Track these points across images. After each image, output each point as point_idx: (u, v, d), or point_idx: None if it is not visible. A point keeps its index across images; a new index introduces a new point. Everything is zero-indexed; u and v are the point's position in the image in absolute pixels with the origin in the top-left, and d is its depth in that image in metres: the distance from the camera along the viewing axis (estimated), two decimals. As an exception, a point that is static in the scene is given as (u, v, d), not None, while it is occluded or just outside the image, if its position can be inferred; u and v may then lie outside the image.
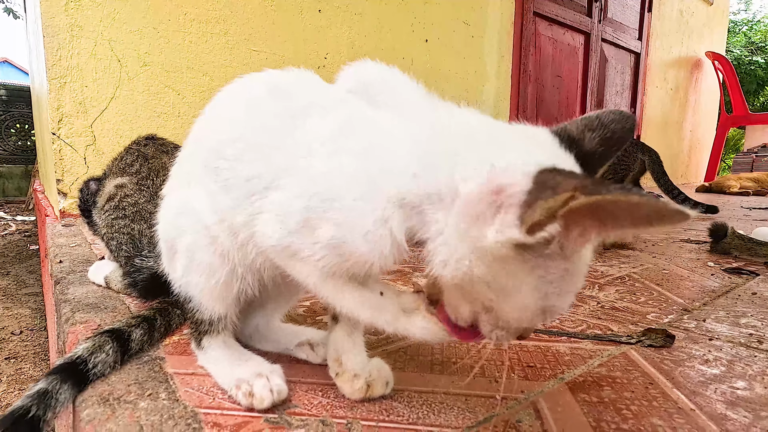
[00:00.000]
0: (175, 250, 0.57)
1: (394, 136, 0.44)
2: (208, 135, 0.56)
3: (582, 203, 0.31)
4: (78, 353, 0.58)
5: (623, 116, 0.44)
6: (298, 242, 0.46)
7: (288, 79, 0.54)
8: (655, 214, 0.29)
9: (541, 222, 0.33)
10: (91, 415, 0.50)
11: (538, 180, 0.35)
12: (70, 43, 1.76)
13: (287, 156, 0.47)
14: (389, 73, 0.49)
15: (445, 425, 0.50)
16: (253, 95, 0.54)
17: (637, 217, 0.30)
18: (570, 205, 0.32)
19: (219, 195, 0.52)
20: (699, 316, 0.86)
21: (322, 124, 0.47)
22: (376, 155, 0.43)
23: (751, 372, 0.64)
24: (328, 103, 0.49)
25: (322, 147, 0.45)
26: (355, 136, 0.45)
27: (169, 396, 0.54)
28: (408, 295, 0.49)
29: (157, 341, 0.70)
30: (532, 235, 0.34)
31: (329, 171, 0.44)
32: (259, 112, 0.51)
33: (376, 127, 0.45)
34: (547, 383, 0.60)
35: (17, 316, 2.17)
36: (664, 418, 0.52)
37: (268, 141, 0.49)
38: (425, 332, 0.47)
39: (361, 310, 0.48)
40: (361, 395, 0.54)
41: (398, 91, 0.47)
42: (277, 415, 0.51)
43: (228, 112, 0.55)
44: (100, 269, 0.97)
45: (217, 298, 0.56)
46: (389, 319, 0.48)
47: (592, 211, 0.32)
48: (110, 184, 0.91)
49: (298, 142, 0.47)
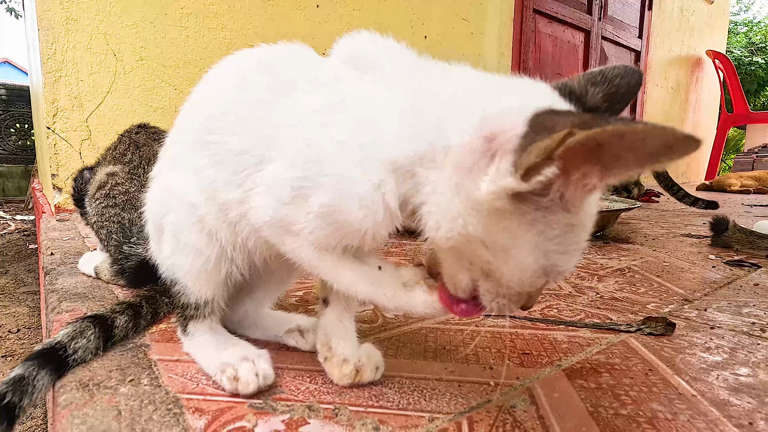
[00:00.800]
0: (161, 230, 0.55)
1: (386, 103, 0.42)
2: (197, 112, 0.54)
3: (580, 139, 0.28)
4: (57, 339, 0.57)
5: (629, 70, 0.41)
6: (291, 214, 0.44)
7: (279, 53, 0.52)
8: (662, 145, 0.27)
9: (536, 165, 0.30)
10: (69, 399, 0.48)
11: (534, 123, 0.32)
12: (65, 37, 1.75)
13: (278, 128, 0.45)
14: (382, 42, 0.47)
15: (436, 411, 0.48)
16: (243, 70, 0.52)
17: (642, 151, 0.28)
18: (567, 143, 0.29)
19: (208, 170, 0.50)
20: (700, 306, 0.84)
21: (313, 96, 0.45)
22: (368, 123, 0.42)
23: (755, 359, 0.62)
24: (320, 76, 0.47)
25: (314, 118, 0.44)
26: (346, 105, 0.43)
27: (151, 382, 0.52)
28: (408, 269, 0.47)
29: (144, 329, 0.68)
30: (527, 181, 0.31)
31: (320, 140, 0.42)
32: (249, 85, 0.50)
33: (368, 95, 0.43)
34: (544, 370, 0.58)
35: (15, 315, 2.15)
36: (664, 404, 0.50)
37: (259, 114, 0.47)
38: (426, 306, 0.45)
39: (360, 285, 0.46)
40: (350, 381, 0.52)
41: (391, 58, 0.46)
42: (262, 401, 0.49)
43: (218, 88, 0.54)
44: (91, 260, 0.95)
45: (204, 281, 0.54)
46: (389, 293, 0.45)
47: (592, 150, 0.29)
48: (102, 172, 0.89)
49: (289, 115, 0.45)
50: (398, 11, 2.69)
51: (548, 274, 0.38)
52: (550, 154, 0.30)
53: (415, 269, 0.47)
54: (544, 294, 0.91)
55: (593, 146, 0.29)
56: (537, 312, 0.80)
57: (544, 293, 0.91)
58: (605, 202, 1.83)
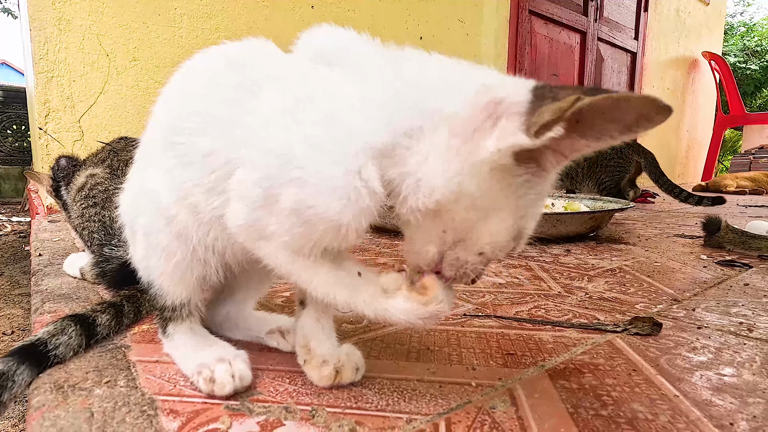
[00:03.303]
0: (135, 232, 0.55)
1: (357, 90, 0.42)
2: (166, 112, 0.54)
3: (588, 102, 0.33)
4: (38, 336, 0.56)
5: None
6: (264, 217, 0.43)
7: (244, 50, 0.51)
8: (643, 114, 0.33)
9: (549, 123, 0.34)
10: (41, 401, 0.47)
11: (536, 92, 0.37)
12: (58, 37, 1.74)
13: (245, 129, 0.45)
14: (344, 34, 0.47)
15: (415, 412, 0.47)
16: (208, 69, 0.52)
17: (626, 119, 0.34)
18: (577, 105, 0.33)
19: (177, 171, 0.50)
20: (689, 306, 0.84)
21: (279, 93, 0.44)
22: (340, 113, 0.41)
23: (740, 359, 0.61)
24: (287, 73, 0.46)
25: (282, 116, 0.43)
26: (315, 100, 0.43)
27: (128, 383, 0.52)
28: (389, 276, 0.46)
29: (126, 328, 0.67)
30: (539, 137, 0.35)
31: (290, 137, 0.42)
32: (215, 84, 0.49)
33: (336, 86, 0.43)
34: (527, 371, 0.57)
35: (9, 317, 2.14)
36: (645, 404, 0.49)
37: (226, 114, 0.47)
38: (405, 313, 0.43)
39: (337, 291, 0.45)
40: (330, 382, 0.51)
41: (358, 47, 0.45)
42: (239, 402, 0.48)
43: (184, 87, 0.53)
44: (76, 261, 0.94)
45: (177, 282, 0.54)
46: (367, 299, 0.44)
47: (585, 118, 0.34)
48: (82, 176, 0.89)
49: (256, 114, 0.45)
50: (393, 12, 2.69)
51: (518, 239, 0.42)
52: (563, 114, 0.34)
53: (396, 275, 0.46)
54: (533, 294, 0.90)
55: (589, 114, 0.34)
56: (525, 312, 0.79)
57: (532, 293, 0.91)
58: (599, 202, 1.83)
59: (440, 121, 0.40)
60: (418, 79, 0.42)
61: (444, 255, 0.43)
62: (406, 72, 0.42)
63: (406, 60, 0.43)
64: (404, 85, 0.41)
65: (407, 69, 0.42)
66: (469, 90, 0.40)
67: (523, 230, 0.42)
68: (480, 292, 0.91)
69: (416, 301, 0.43)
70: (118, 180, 0.86)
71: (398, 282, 0.45)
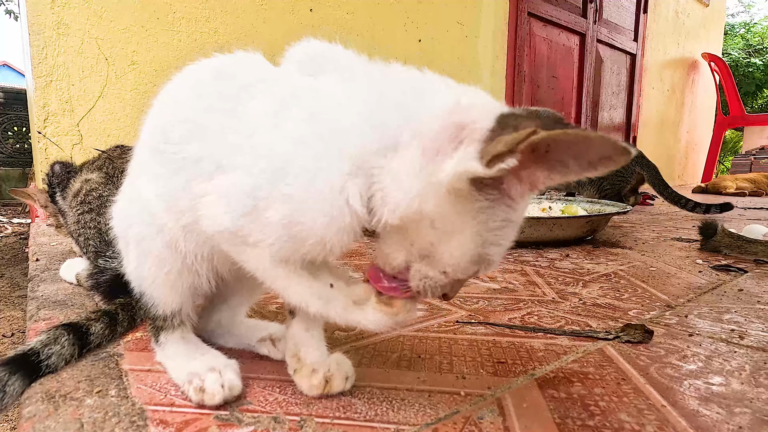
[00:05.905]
0: (127, 243, 0.55)
1: (340, 102, 0.43)
2: (155, 120, 0.54)
3: (542, 137, 0.33)
4: (30, 345, 0.57)
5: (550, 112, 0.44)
6: (249, 225, 0.44)
7: (234, 61, 0.52)
8: (605, 154, 0.33)
9: (501, 154, 0.34)
10: (32, 412, 0.48)
11: (501, 120, 0.37)
12: (56, 41, 1.75)
13: (234, 138, 0.45)
14: (330, 48, 0.47)
15: (403, 422, 0.48)
16: (198, 79, 0.52)
17: (588, 156, 0.33)
18: (531, 139, 0.33)
19: (165, 179, 0.50)
20: (681, 312, 0.84)
21: (266, 101, 0.45)
22: (323, 123, 0.42)
23: (729, 368, 0.61)
24: (275, 84, 0.47)
25: (270, 126, 0.44)
26: (299, 109, 0.43)
27: (119, 393, 0.52)
28: (360, 286, 0.48)
29: (120, 336, 0.68)
30: (491, 167, 0.35)
31: (279, 148, 0.42)
32: (204, 94, 0.50)
33: (324, 100, 0.44)
34: (517, 379, 0.57)
35: (9, 319, 2.15)
36: (632, 414, 0.49)
37: (213, 122, 0.47)
38: (375, 323, 0.46)
39: (311, 300, 0.47)
40: (319, 391, 0.52)
41: (341, 62, 0.46)
42: (228, 412, 0.49)
43: (174, 96, 0.54)
44: (72, 267, 0.95)
45: (169, 292, 0.54)
46: (339, 310, 0.47)
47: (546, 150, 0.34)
48: (77, 181, 0.89)
49: (245, 124, 0.45)
50: (391, 14, 2.69)
51: (480, 263, 0.42)
52: (515, 147, 0.34)
53: (366, 286, 0.47)
54: (527, 300, 0.91)
55: (547, 147, 0.34)
56: (518, 319, 0.80)
57: (525, 299, 0.91)
58: (597, 205, 1.83)
59: (411, 139, 0.40)
60: (396, 97, 0.42)
61: (411, 265, 0.44)
62: (387, 90, 0.43)
63: (386, 77, 0.44)
64: (383, 104, 0.42)
65: (387, 87, 0.43)
66: (443, 110, 0.40)
67: (486, 256, 0.41)
68: (474, 298, 0.91)
69: (384, 313, 0.46)
70: (114, 187, 0.86)
71: (369, 293, 0.48)
